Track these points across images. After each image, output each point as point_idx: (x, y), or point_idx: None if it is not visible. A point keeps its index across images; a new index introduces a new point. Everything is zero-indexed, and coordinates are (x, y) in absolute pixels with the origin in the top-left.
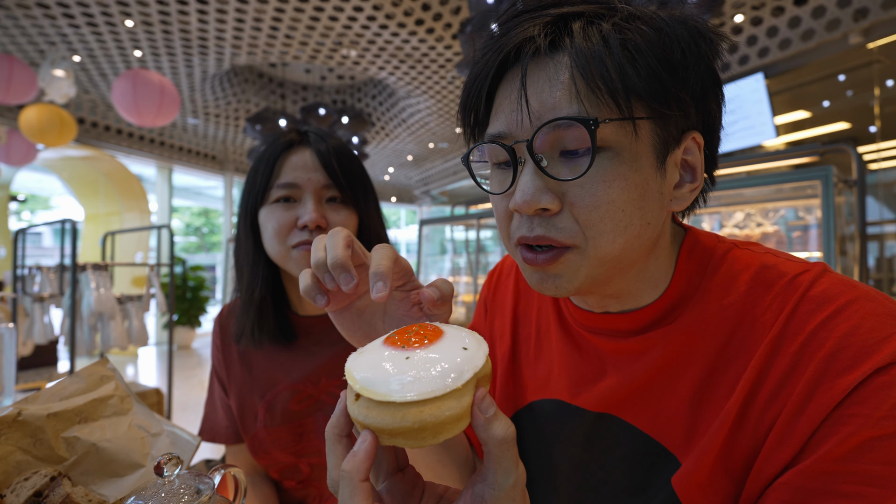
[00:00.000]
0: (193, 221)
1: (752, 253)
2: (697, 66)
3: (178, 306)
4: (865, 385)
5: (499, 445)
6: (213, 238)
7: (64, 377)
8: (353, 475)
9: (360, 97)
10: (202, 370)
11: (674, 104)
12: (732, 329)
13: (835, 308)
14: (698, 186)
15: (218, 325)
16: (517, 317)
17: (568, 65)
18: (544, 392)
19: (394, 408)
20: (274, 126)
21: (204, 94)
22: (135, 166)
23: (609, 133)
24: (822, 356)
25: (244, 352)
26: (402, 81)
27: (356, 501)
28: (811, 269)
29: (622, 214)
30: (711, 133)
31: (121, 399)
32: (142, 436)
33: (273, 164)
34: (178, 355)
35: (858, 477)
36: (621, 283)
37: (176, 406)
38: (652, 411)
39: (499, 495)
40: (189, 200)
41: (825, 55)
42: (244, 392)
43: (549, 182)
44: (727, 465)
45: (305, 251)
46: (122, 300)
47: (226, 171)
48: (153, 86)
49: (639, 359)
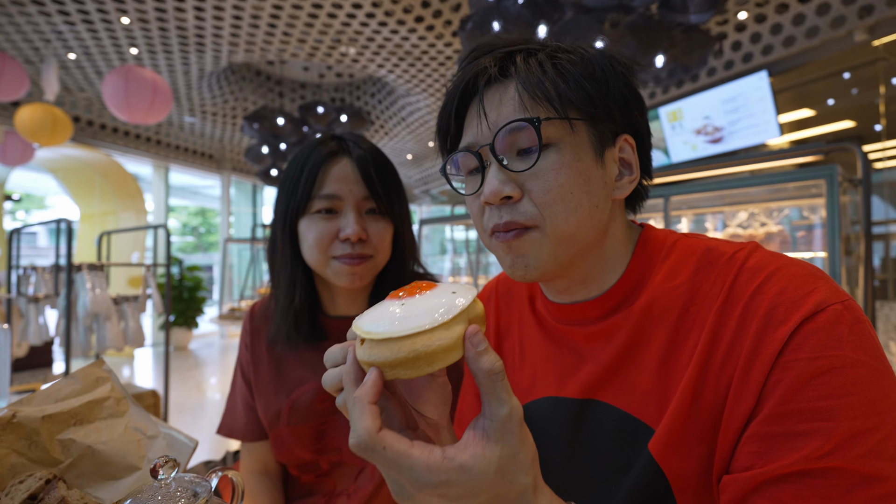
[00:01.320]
0: (190, 221)
1: (697, 240)
2: (615, 80)
3: (175, 307)
4: (797, 333)
5: (487, 377)
6: (211, 238)
7: (59, 379)
8: (362, 398)
9: (359, 95)
10: (199, 372)
11: (601, 108)
12: (685, 304)
13: (766, 275)
14: (635, 178)
15: (248, 324)
16: (500, 331)
17: (515, 85)
18: (531, 394)
19: (391, 343)
20: (272, 124)
21: (201, 92)
22: (131, 165)
23: (552, 132)
24: (761, 314)
25: (279, 354)
26: (401, 79)
27: (365, 419)
28: (745, 247)
29: (571, 196)
30: (640, 136)
31: (117, 401)
32: (138, 438)
33: (315, 174)
34: (175, 357)
35: (807, 415)
36: (583, 266)
37: (172, 408)
38: (628, 389)
39: (496, 426)
40: (186, 200)
41: (830, 53)
42: (270, 391)
43: (510, 175)
44: (696, 426)
45: (346, 264)
46: (118, 301)
47: (223, 169)
48: (145, 82)
49: (608, 342)
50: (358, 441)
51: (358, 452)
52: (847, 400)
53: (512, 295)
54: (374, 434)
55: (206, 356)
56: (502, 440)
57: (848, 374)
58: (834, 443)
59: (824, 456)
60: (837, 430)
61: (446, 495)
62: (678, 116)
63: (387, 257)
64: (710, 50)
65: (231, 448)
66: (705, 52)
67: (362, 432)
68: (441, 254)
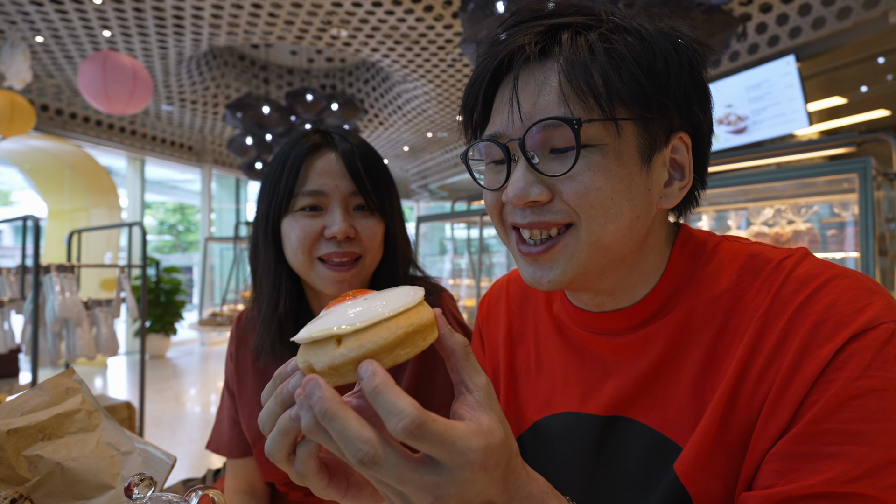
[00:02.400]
0: (168, 218)
1: (740, 244)
2: (679, 74)
3: (151, 312)
4: (843, 351)
5: (464, 349)
6: (190, 237)
7: (26, 390)
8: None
9: (352, 82)
10: (177, 382)
11: (655, 108)
12: (726, 316)
13: (816, 285)
14: (687, 184)
15: (234, 332)
16: (513, 338)
17: (556, 71)
18: (549, 408)
19: (351, 338)
20: (256, 113)
21: (179, 78)
22: (103, 158)
23: (594, 132)
24: (807, 328)
25: (264, 367)
26: (397, 64)
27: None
28: (794, 254)
29: (611, 202)
30: (699, 135)
31: (88, 414)
32: (111, 454)
33: (298, 169)
34: (151, 366)
35: (839, 436)
36: (613, 278)
37: (149, 421)
38: (661, 406)
39: (482, 394)
40: (163, 195)
41: (863, 36)
42: (255, 404)
43: (539, 176)
44: (725, 444)
45: (333, 269)
46: (90, 305)
47: (203, 162)
48: (125, 69)
49: (640, 355)
50: (410, 418)
51: (409, 434)
52: (885, 426)
53: (526, 297)
54: (420, 408)
55: (185, 365)
56: (493, 405)
57: (889, 397)
58: (863, 468)
59: (851, 481)
60: (870, 456)
61: (487, 465)
62: None
63: (377, 258)
64: (733, 32)
65: (213, 465)
66: (728, 35)
67: (410, 408)
68: (440, 254)
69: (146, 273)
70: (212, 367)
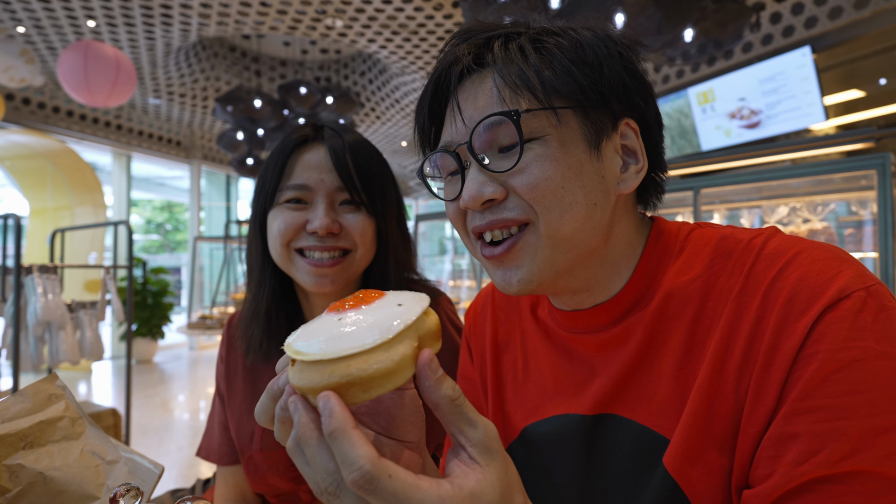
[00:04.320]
0: (155, 217)
1: (712, 229)
2: (611, 64)
3: (138, 315)
4: (819, 322)
5: (451, 404)
6: (179, 236)
7: (6, 396)
8: (343, 426)
9: (347, 74)
10: (165, 388)
11: (591, 96)
12: (701, 301)
13: (786, 260)
14: (643, 167)
15: (225, 335)
16: (498, 345)
17: (492, 75)
18: (538, 413)
19: (322, 365)
20: (248, 107)
21: (167, 70)
22: (88, 153)
23: (535, 125)
24: (781, 303)
25: (252, 366)
26: (395, 56)
27: (360, 446)
28: (763, 232)
29: (563, 191)
30: (646, 124)
31: (72, 421)
32: (96, 463)
33: (284, 162)
34: (138, 371)
35: (826, 412)
36: (584, 273)
37: (135, 429)
38: (644, 400)
39: (478, 450)
40: (150, 193)
41: (882, 26)
42: (244, 409)
43: (492, 175)
44: (712, 433)
45: (313, 263)
46: (74, 308)
47: (192, 158)
48: (107, 60)
49: (620, 350)
50: (360, 473)
51: (359, 488)
52: (867, 396)
53: (511, 303)
54: (376, 461)
55: (174, 370)
56: (491, 461)
57: (870, 367)
58: (853, 444)
59: (844, 458)
60: (855, 428)
61: None
62: (710, 98)
63: (369, 255)
64: (746, 22)
65: (202, 475)
66: (740, 25)
67: (362, 461)
68: (440, 254)
69: (132, 274)
70: (201, 373)
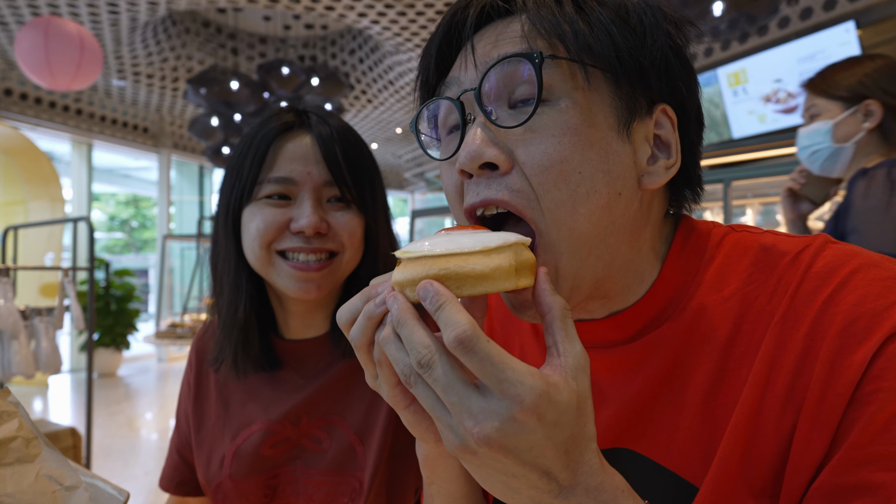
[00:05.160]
0: (119, 213)
1: (750, 235)
2: (655, 33)
3: (100, 322)
4: (880, 355)
5: (563, 309)
6: (145, 234)
7: None
8: (446, 297)
9: (335, 52)
10: (130, 405)
11: (629, 65)
12: (736, 322)
13: (839, 280)
14: (674, 164)
15: (194, 350)
16: None
17: (519, 20)
18: None
19: (423, 261)
20: (223, 89)
21: (133, 48)
22: (44, 142)
23: (559, 80)
24: (835, 333)
25: (223, 383)
26: (388, 32)
27: (462, 313)
28: (812, 242)
29: (580, 177)
30: (686, 116)
31: (26, 442)
32: (53, 489)
33: (265, 152)
34: (100, 386)
35: (890, 462)
36: (605, 281)
37: (97, 451)
38: (664, 435)
39: (572, 362)
40: (114, 185)
41: None
42: (217, 431)
43: (498, 134)
44: (750, 482)
45: (297, 266)
46: (28, 314)
47: (161, 147)
48: (70, 38)
49: (637, 373)
50: (462, 328)
51: (459, 344)
52: None
53: (509, 313)
54: (477, 326)
55: (140, 385)
56: (578, 378)
57: None
58: None
59: None
60: None
61: (542, 414)
62: (742, 79)
63: (357, 258)
64: None
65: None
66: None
67: (466, 322)
68: None
69: (94, 277)
70: (170, 387)
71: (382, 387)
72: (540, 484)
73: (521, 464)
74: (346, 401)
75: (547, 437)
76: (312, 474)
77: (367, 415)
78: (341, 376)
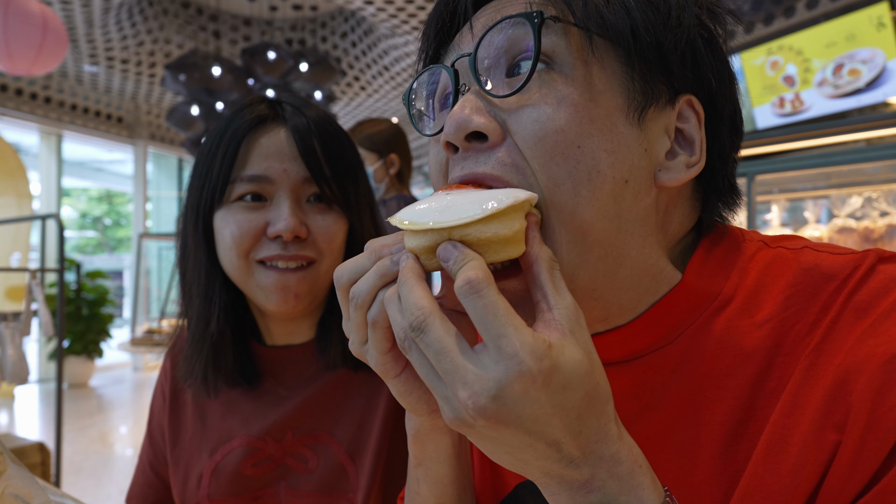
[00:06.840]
0: (92, 209)
1: (787, 251)
2: (683, 14)
3: (71, 328)
4: None
5: (550, 261)
6: (120, 233)
7: None
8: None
9: (325, 36)
10: (103, 417)
11: (644, 42)
12: (769, 355)
13: (885, 307)
14: (697, 163)
15: (169, 356)
16: None
17: None
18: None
19: (434, 233)
20: (204, 76)
21: (106, 31)
22: (9, 133)
23: (560, 46)
24: (877, 365)
25: (192, 396)
26: (383, 13)
27: (477, 268)
28: (862, 262)
29: (579, 152)
30: (717, 115)
31: None
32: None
33: (237, 149)
34: (71, 397)
35: None
36: (610, 294)
37: (67, 468)
38: (676, 476)
39: (566, 315)
40: (86, 180)
41: None
42: (193, 447)
43: (489, 103)
44: None
45: (278, 274)
46: None
47: (137, 138)
48: (32, 17)
49: (648, 398)
50: (476, 274)
51: (467, 286)
52: None
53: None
54: (491, 278)
55: (114, 396)
56: (575, 332)
57: None
58: None
59: None
60: None
61: (549, 382)
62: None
63: (335, 266)
64: None
65: None
66: None
67: (482, 271)
68: None
69: (64, 279)
70: (147, 399)
71: (371, 352)
72: (549, 454)
73: (526, 434)
74: (335, 415)
75: (554, 405)
76: (298, 497)
77: (359, 430)
78: (329, 388)
